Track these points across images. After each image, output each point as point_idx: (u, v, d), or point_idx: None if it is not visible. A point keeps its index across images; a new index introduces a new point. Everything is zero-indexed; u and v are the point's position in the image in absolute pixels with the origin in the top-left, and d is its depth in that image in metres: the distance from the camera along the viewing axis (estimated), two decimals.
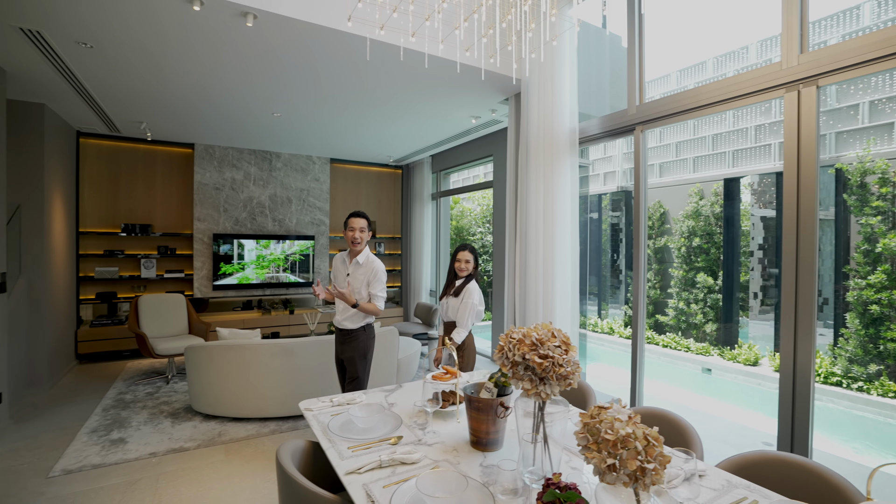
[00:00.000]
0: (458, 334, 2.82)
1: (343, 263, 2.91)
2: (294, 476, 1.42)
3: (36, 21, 2.71)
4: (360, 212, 2.86)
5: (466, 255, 2.94)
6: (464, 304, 2.83)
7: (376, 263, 2.86)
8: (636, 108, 3.08)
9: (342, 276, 2.87)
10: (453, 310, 2.90)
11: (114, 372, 4.99)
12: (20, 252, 4.13)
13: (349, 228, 2.82)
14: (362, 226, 2.82)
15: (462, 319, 2.83)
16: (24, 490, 2.64)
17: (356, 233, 2.80)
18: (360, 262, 2.84)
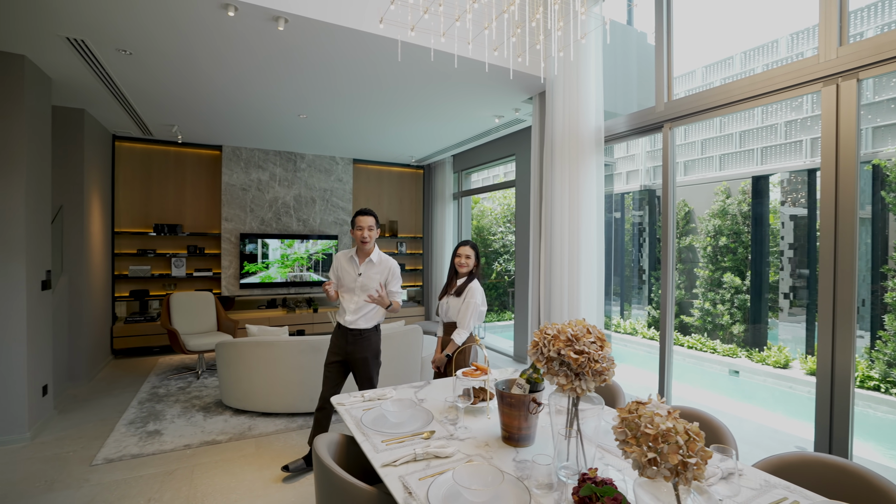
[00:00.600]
0: (458, 335, 2.70)
1: (351, 263, 2.78)
2: (332, 468, 1.47)
3: (81, 30, 2.84)
4: (367, 209, 2.78)
5: (467, 251, 2.80)
6: (465, 304, 2.70)
7: (391, 261, 2.82)
8: (664, 105, 3.04)
9: (351, 276, 2.76)
10: (454, 310, 2.76)
11: (147, 367, 5.17)
12: (62, 251, 4.32)
13: (357, 227, 2.73)
14: (370, 224, 2.74)
15: (463, 320, 2.70)
16: (70, 476, 2.77)
17: (365, 231, 2.71)
18: (374, 261, 2.76)
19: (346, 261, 2.81)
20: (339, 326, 2.81)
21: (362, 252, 2.78)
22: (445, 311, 2.83)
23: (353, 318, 2.75)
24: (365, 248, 2.75)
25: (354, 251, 2.80)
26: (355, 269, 2.77)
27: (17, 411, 3.22)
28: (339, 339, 2.80)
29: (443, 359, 2.79)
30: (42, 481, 2.71)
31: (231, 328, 5.30)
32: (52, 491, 2.61)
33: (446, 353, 2.75)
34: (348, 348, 2.76)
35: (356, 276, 2.75)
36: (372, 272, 2.76)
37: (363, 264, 2.76)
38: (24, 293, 3.24)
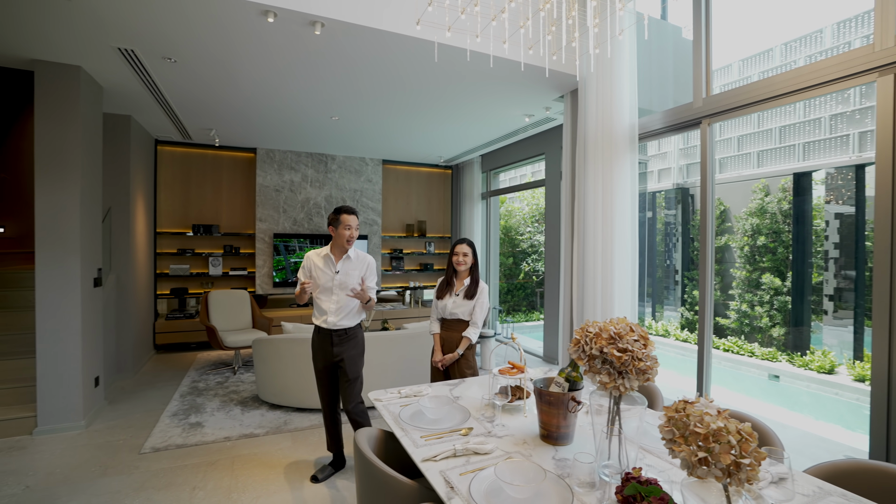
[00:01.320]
0: (473, 333, 2.75)
1: (327, 261, 2.70)
2: (375, 462, 1.50)
3: (131, 41, 2.99)
4: (353, 209, 2.71)
5: (464, 248, 2.80)
6: (480, 305, 2.76)
7: (369, 256, 2.79)
8: (703, 100, 2.96)
9: (328, 275, 2.67)
10: (464, 309, 2.76)
11: (186, 362, 5.38)
12: (110, 250, 4.55)
13: (345, 227, 2.64)
14: (357, 224, 2.69)
15: (479, 318, 2.76)
16: (122, 463, 2.92)
17: (353, 231, 2.66)
18: (352, 258, 2.71)
19: (321, 261, 2.71)
20: (320, 330, 2.70)
21: (339, 250, 2.70)
22: (451, 310, 2.79)
23: (335, 319, 2.65)
24: (347, 246, 2.68)
25: (328, 249, 2.72)
26: (332, 267, 2.68)
27: (74, 401, 3.41)
28: (323, 343, 2.69)
29: (455, 357, 2.74)
30: (97, 466, 2.87)
31: (266, 325, 5.45)
32: (106, 476, 2.76)
33: (459, 351, 2.73)
34: (335, 350, 2.66)
35: (333, 275, 2.66)
36: (350, 269, 2.70)
37: (340, 262, 2.69)
38: (79, 289, 3.43)
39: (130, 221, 4.80)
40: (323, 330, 2.68)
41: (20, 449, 3.10)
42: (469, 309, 2.75)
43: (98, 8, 2.58)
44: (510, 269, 9.05)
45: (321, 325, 2.68)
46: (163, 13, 2.63)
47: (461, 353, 2.74)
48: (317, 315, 2.71)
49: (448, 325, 2.83)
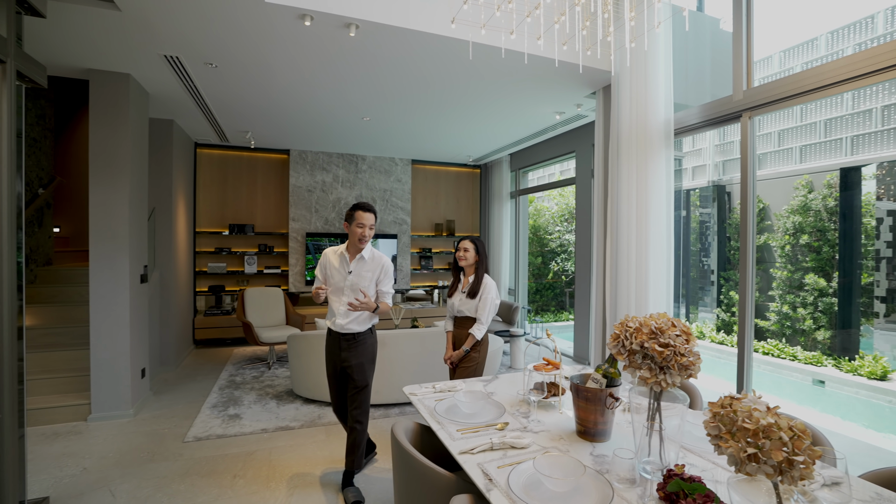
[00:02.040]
0: (478, 330, 2.71)
1: (342, 260, 2.55)
2: (413, 454, 1.52)
3: (176, 48, 3.13)
4: (370, 206, 2.54)
5: (466, 244, 2.79)
6: (483, 301, 2.72)
7: (385, 258, 2.62)
8: (743, 92, 2.87)
9: (340, 275, 2.53)
10: (470, 306, 2.74)
11: (224, 357, 5.57)
12: (154, 248, 4.77)
13: (358, 224, 2.47)
14: (372, 222, 2.51)
15: (482, 315, 2.71)
16: (167, 450, 3.06)
17: (366, 230, 2.47)
18: (366, 258, 2.54)
19: (336, 259, 2.56)
20: (330, 332, 2.58)
21: (354, 249, 2.54)
22: (457, 307, 2.80)
23: (343, 322, 2.50)
24: (361, 246, 2.51)
25: (344, 247, 2.57)
26: (345, 266, 2.54)
27: (123, 390, 3.59)
28: (332, 346, 2.57)
29: (461, 354, 2.73)
30: (145, 452, 3.02)
31: (298, 322, 5.59)
32: (153, 462, 2.90)
33: (465, 349, 2.72)
34: (342, 354, 2.52)
35: (346, 275, 2.51)
36: (363, 270, 2.54)
37: (354, 262, 2.53)
38: (128, 285, 3.61)
39: (172, 221, 5.02)
40: (333, 333, 2.55)
41: (77, 434, 3.30)
42: (474, 306, 2.74)
43: (148, 18, 2.71)
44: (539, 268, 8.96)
45: (332, 328, 2.55)
46: (207, 21, 2.74)
47: (467, 350, 2.73)
48: (328, 316, 2.60)
49: (458, 323, 2.85)
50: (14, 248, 2.15)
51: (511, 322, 5.67)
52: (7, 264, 2.09)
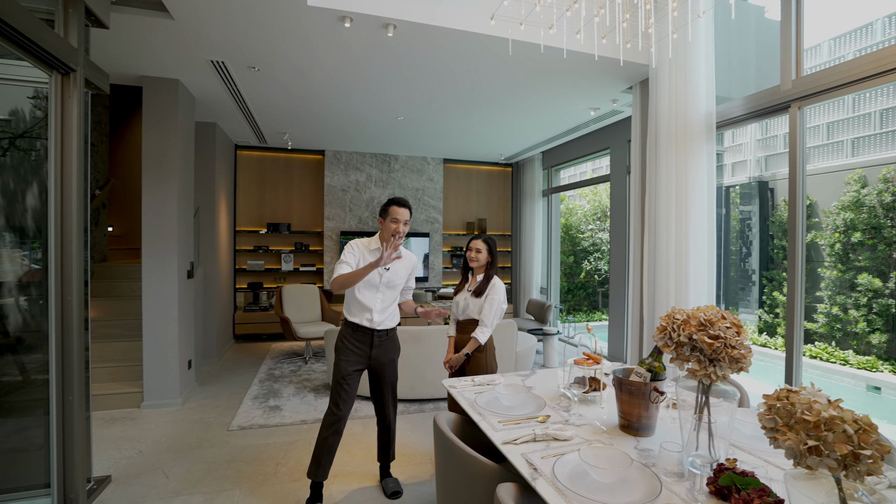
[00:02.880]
0: (482, 333, 2.50)
1: (377, 255, 2.41)
2: (457, 443, 1.55)
3: (222, 53, 3.27)
4: (406, 201, 2.43)
5: (478, 244, 2.62)
6: (489, 302, 2.53)
7: (413, 256, 2.58)
8: (792, 82, 2.76)
9: (376, 272, 2.40)
10: (475, 307, 2.57)
11: (262, 351, 5.77)
12: (198, 246, 4.99)
13: (392, 219, 2.37)
14: (407, 218, 2.40)
15: (487, 318, 2.52)
16: (214, 438, 3.20)
17: (400, 225, 2.37)
18: (403, 256, 2.48)
19: (369, 253, 2.45)
20: (358, 329, 2.42)
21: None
22: (463, 308, 2.63)
23: (380, 318, 2.42)
24: (395, 242, 2.35)
25: (378, 243, 2.46)
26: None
27: (172, 380, 3.78)
28: (361, 344, 2.42)
29: (461, 358, 2.53)
30: (194, 439, 3.17)
31: (334, 318, 5.73)
32: (201, 448, 3.04)
33: (465, 352, 2.52)
34: (373, 352, 2.44)
35: (382, 271, 2.42)
36: (399, 267, 2.47)
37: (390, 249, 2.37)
38: (176, 280, 3.80)
39: (215, 220, 5.23)
40: (363, 329, 2.42)
41: (132, 419, 3.49)
42: (478, 307, 2.55)
43: (199, 25, 2.85)
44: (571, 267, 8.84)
45: (361, 324, 2.41)
46: (252, 25, 2.86)
47: (467, 353, 2.51)
48: (355, 312, 2.43)
49: (462, 327, 2.64)
50: (83, 246, 2.31)
51: (544, 321, 5.63)
52: (76, 261, 2.25)
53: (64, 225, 2.23)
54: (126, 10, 2.71)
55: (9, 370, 2.50)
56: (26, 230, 2.55)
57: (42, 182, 2.41)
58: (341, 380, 2.38)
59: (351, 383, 2.40)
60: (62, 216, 2.22)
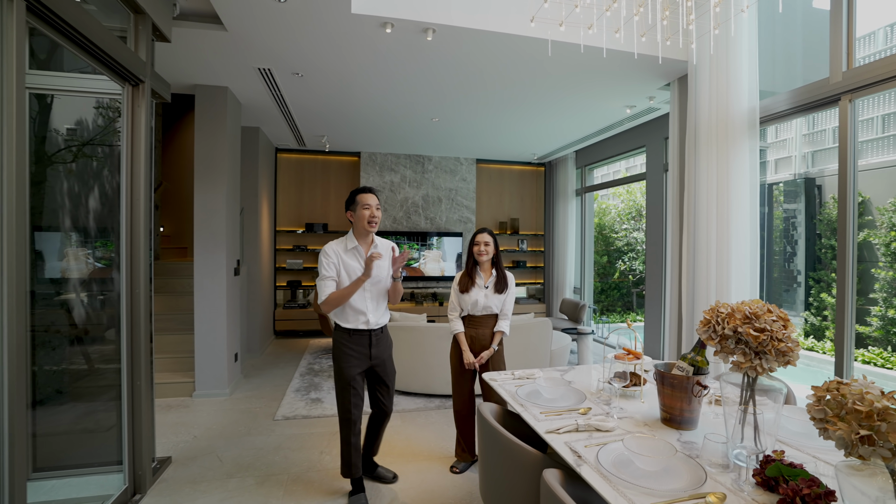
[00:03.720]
0: (507, 325, 2.68)
1: (354, 255, 2.36)
2: (502, 432, 1.61)
3: (269, 60, 3.45)
4: (370, 187, 2.41)
5: (485, 238, 2.65)
6: (510, 295, 2.68)
7: (390, 242, 2.53)
8: (842, 74, 2.67)
9: (356, 271, 2.34)
10: (496, 302, 2.64)
11: (301, 347, 5.98)
12: (242, 245, 5.24)
13: (364, 206, 2.33)
14: (377, 203, 2.38)
15: (508, 310, 2.68)
16: (260, 426, 3.38)
17: (373, 209, 2.34)
18: (379, 246, 2.43)
19: (345, 254, 2.35)
20: (355, 333, 2.37)
21: (364, 237, 2.40)
22: (483, 305, 2.63)
23: (376, 318, 2.40)
24: (370, 229, 2.35)
25: (353, 240, 2.38)
26: (360, 260, 2.36)
27: (221, 372, 4.00)
28: (359, 347, 2.38)
29: (492, 352, 2.61)
30: (242, 427, 3.36)
31: None
32: (250, 435, 3.22)
33: (494, 347, 2.62)
34: (373, 351, 2.41)
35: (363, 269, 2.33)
36: (381, 261, 2.38)
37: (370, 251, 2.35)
38: (225, 277, 4.01)
39: (258, 220, 5.48)
40: (360, 332, 2.38)
41: (185, 407, 3.72)
42: (500, 302, 2.66)
43: (249, 35, 3.03)
44: (604, 267, 8.72)
45: (359, 328, 2.37)
46: (299, 33, 3.00)
47: (496, 347, 2.63)
48: (350, 319, 2.36)
49: (476, 322, 2.66)
50: (149, 246, 2.50)
51: (578, 320, 5.60)
52: (143, 258, 2.44)
53: (133, 224, 2.42)
54: (185, 25, 2.91)
55: (76, 359, 2.73)
56: (89, 230, 2.78)
57: (103, 186, 2.63)
58: (349, 385, 2.35)
59: (357, 386, 2.39)
60: (131, 216, 2.42)
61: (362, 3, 2.70)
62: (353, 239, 2.38)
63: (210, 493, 2.48)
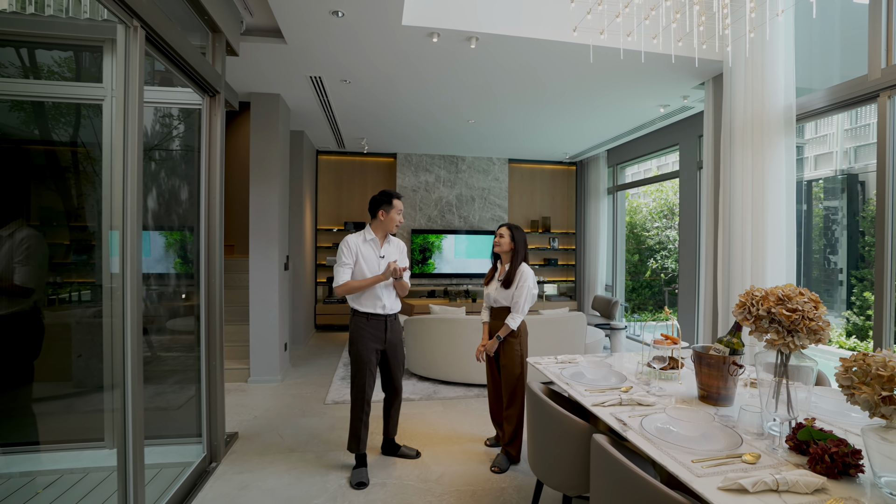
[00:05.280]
0: (513, 320, 2.67)
1: (372, 246, 2.65)
2: (550, 404, 1.79)
3: (321, 69, 3.71)
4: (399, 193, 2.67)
5: (501, 230, 2.78)
6: (519, 290, 2.67)
7: (400, 241, 2.84)
8: (881, 71, 2.72)
9: (374, 260, 2.63)
10: (506, 296, 2.72)
11: (341, 340, 6.28)
12: (289, 242, 5.56)
13: (397, 211, 2.66)
14: (402, 208, 2.72)
15: (518, 305, 2.67)
16: (313, 409, 3.65)
17: (401, 217, 2.70)
18: (392, 242, 2.75)
19: (365, 246, 2.65)
20: (371, 318, 2.62)
21: (383, 234, 2.70)
22: (495, 298, 2.78)
23: (391, 304, 2.67)
24: (393, 231, 2.69)
25: (372, 234, 2.68)
26: (377, 252, 2.66)
27: (273, 360, 4.30)
28: (376, 331, 2.63)
29: (495, 343, 2.72)
30: (297, 409, 3.63)
31: (407, 309, 6.12)
32: (305, 416, 3.49)
33: (498, 336, 2.70)
34: (388, 336, 2.67)
35: (379, 259, 2.64)
36: (392, 252, 2.73)
37: (384, 246, 2.69)
38: (277, 272, 4.31)
39: (302, 219, 5.80)
40: (376, 317, 2.63)
41: (242, 391, 4.04)
42: (509, 295, 2.70)
43: (306, 47, 3.29)
44: (635, 266, 8.72)
45: (376, 312, 2.62)
46: (351, 44, 3.25)
47: (501, 337, 2.69)
48: (365, 304, 2.62)
49: (494, 314, 2.81)
50: (221, 243, 2.79)
51: (610, 316, 5.69)
52: (218, 255, 2.73)
53: (210, 222, 2.71)
54: (250, 39, 3.20)
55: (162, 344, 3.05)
56: (174, 228, 3.07)
57: (183, 187, 2.92)
58: (365, 367, 2.60)
59: (373, 368, 2.64)
60: (209, 214, 2.71)
61: (412, 15, 2.91)
62: (372, 232, 2.68)
63: (276, 464, 2.75)
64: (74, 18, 2.37)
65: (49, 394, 2.66)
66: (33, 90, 2.41)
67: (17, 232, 2.25)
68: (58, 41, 2.43)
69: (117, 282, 1.89)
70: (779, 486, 1.13)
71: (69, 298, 2.73)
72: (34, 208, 2.53)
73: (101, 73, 2.57)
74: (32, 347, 2.44)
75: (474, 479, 2.60)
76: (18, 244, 2.24)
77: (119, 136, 1.77)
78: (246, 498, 2.39)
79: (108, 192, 2.42)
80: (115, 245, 1.84)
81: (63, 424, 2.76)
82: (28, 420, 2.54)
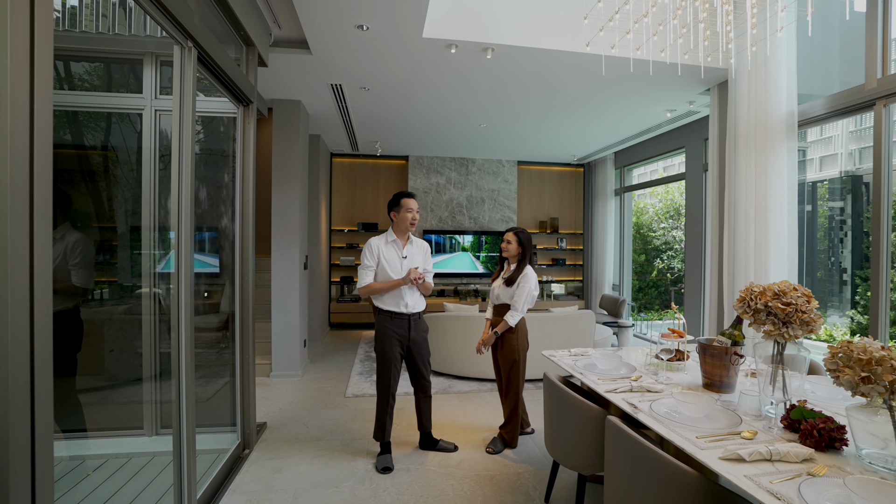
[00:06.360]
0: (512, 317, 2.82)
1: (394, 247, 2.77)
2: (567, 391, 1.96)
3: (341, 77, 3.90)
4: (412, 193, 2.81)
5: (509, 236, 2.94)
6: (520, 289, 2.82)
7: (424, 242, 2.93)
8: (877, 80, 2.86)
9: (397, 260, 2.74)
10: (508, 294, 2.88)
11: (356, 337, 6.47)
12: (306, 242, 5.75)
13: (407, 210, 2.73)
14: (417, 207, 2.79)
15: (517, 303, 2.82)
16: (335, 401, 3.83)
17: (415, 214, 2.76)
18: (414, 242, 2.86)
19: (387, 247, 2.76)
20: (395, 316, 2.74)
21: (403, 234, 2.80)
22: (497, 295, 2.95)
23: (413, 303, 2.77)
24: (410, 229, 2.77)
25: (393, 235, 2.79)
26: (399, 252, 2.77)
27: (294, 356, 4.50)
28: (400, 329, 2.74)
29: (492, 337, 2.89)
30: (319, 402, 3.82)
31: None
32: (327, 408, 3.67)
33: (495, 331, 2.87)
34: (412, 334, 2.78)
35: (401, 260, 2.75)
36: (414, 252, 2.81)
37: (407, 246, 2.80)
38: (298, 271, 4.51)
39: (318, 220, 5.99)
40: (400, 315, 2.74)
41: (266, 385, 4.23)
42: (511, 293, 2.86)
43: (328, 57, 3.48)
44: (642, 266, 8.86)
45: (399, 311, 2.73)
46: (373, 54, 3.43)
47: (498, 333, 2.87)
48: (389, 302, 2.74)
49: (497, 311, 2.98)
50: (253, 243, 2.98)
51: (617, 315, 5.84)
52: (251, 256, 2.92)
53: (244, 223, 2.90)
54: (277, 50, 3.39)
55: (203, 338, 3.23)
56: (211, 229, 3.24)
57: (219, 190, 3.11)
58: (390, 363, 2.76)
59: (398, 364, 2.80)
60: (242, 216, 2.90)
61: (432, 28, 3.09)
62: (393, 234, 2.81)
63: (304, 451, 2.93)
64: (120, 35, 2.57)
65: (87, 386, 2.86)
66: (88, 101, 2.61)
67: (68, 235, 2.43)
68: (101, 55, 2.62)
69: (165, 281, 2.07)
70: (772, 456, 1.29)
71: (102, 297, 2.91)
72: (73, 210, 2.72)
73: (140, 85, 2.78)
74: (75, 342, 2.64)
75: (492, 465, 2.77)
76: (72, 247, 2.41)
77: (175, 144, 1.95)
78: (281, 480, 2.58)
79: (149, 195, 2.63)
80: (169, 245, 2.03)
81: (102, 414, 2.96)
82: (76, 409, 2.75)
